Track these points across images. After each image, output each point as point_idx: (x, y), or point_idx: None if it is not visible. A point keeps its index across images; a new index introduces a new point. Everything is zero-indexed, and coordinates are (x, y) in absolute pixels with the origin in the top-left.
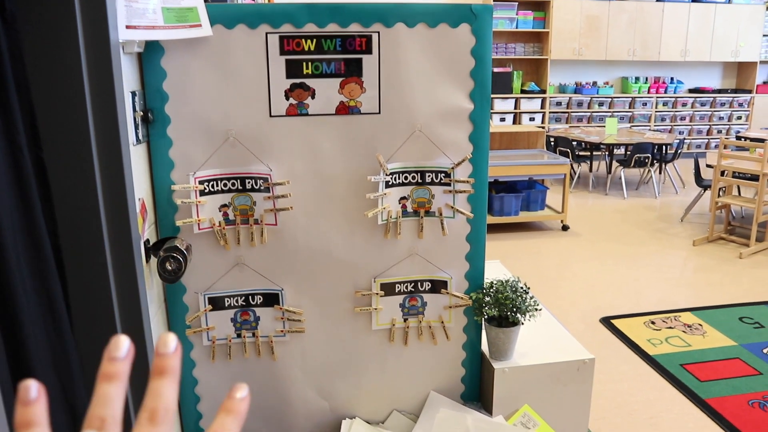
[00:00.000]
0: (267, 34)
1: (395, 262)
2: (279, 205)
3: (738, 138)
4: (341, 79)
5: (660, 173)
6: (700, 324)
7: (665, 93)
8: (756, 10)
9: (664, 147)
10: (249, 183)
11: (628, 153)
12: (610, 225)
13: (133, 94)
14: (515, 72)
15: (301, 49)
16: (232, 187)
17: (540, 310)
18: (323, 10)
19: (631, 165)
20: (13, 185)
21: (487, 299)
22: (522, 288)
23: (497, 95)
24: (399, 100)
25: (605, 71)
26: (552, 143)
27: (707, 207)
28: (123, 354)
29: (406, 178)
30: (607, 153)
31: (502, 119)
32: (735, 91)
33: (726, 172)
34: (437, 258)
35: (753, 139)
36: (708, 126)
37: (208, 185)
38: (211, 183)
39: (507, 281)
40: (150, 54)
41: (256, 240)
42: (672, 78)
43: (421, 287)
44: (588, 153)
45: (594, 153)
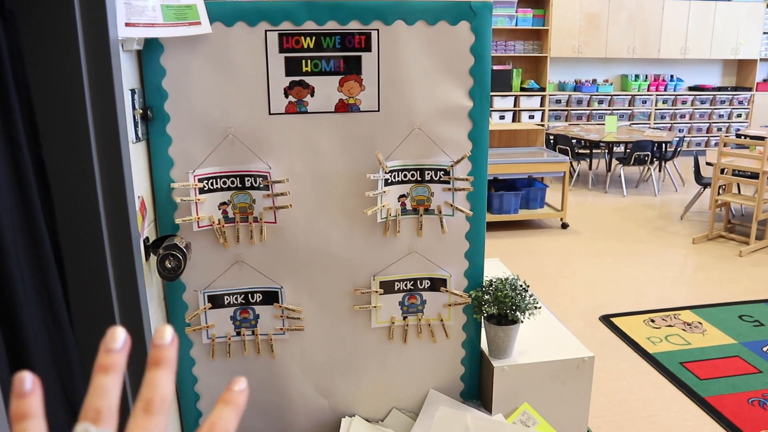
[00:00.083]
0: (266, 31)
1: (395, 260)
2: (278, 203)
3: (738, 136)
4: (340, 77)
5: (660, 171)
6: (699, 322)
7: (665, 91)
8: (756, 7)
9: (663, 145)
10: (248, 181)
11: (627, 151)
12: (609, 223)
13: (133, 91)
14: (515, 70)
15: (301, 47)
16: (231, 185)
17: (539, 308)
18: (322, 7)
19: (631, 163)
20: (13, 183)
21: (487, 297)
22: (521, 286)
23: (497, 93)
24: (398, 97)
25: (605, 69)
26: (551, 141)
27: (707, 205)
28: (119, 345)
29: (405, 175)
30: (607, 151)
31: (501, 117)
32: (735, 89)
33: (726, 169)
34: (436, 256)
35: (753, 137)
36: (708, 124)
37: (207, 183)
38: (211, 181)
39: (506, 279)
40: (149, 52)
41: (255, 238)
42: (672, 76)
43: (421, 285)
44: (587, 151)
45: (593, 151)
